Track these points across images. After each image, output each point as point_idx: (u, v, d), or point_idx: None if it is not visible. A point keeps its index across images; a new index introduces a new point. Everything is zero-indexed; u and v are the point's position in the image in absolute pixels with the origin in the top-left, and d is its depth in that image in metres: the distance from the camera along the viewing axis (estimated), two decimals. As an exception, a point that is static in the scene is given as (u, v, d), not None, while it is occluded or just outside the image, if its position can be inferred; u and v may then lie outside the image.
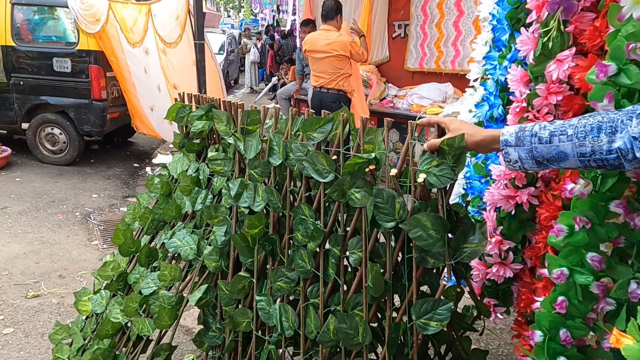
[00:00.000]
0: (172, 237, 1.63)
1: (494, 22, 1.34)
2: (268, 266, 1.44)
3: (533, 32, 1.16)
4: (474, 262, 1.45)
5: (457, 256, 1.04)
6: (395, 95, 4.46)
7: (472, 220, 1.10)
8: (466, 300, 1.41)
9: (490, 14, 1.36)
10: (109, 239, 3.73)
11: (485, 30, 1.39)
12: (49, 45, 5.07)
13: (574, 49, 1.09)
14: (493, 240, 1.37)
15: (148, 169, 5.70)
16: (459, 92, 4.18)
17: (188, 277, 1.61)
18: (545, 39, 1.11)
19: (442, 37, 4.28)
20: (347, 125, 1.25)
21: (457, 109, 3.70)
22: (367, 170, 1.17)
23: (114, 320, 1.62)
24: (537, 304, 1.17)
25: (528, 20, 1.17)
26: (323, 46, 3.83)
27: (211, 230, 1.60)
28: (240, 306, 1.49)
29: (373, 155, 1.16)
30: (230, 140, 1.52)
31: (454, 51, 4.23)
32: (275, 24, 13.12)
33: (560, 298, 1.08)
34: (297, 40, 8.96)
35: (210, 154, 1.59)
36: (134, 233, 1.84)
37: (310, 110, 1.35)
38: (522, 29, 1.18)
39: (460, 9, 4.08)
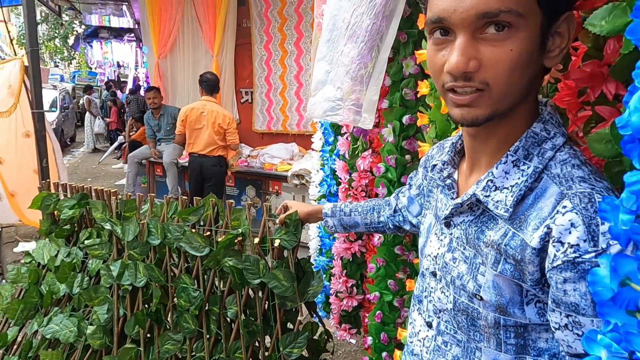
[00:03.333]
0: (49, 323, 1.68)
1: (322, 129, 1.91)
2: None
3: (347, 138, 1.72)
4: (331, 299, 1.92)
5: (305, 297, 1.45)
6: (249, 155, 4.92)
7: (313, 269, 1.52)
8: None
9: (319, 122, 1.94)
10: None
11: (320, 131, 1.95)
12: None
13: (370, 150, 1.67)
14: (341, 280, 1.86)
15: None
16: (303, 150, 4.85)
17: (70, 360, 1.67)
18: (355, 146, 1.68)
19: (287, 103, 4.96)
20: (216, 208, 1.59)
21: (303, 165, 4.32)
22: (236, 241, 1.52)
23: None
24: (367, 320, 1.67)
25: (342, 131, 1.73)
26: (205, 116, 4.02)
27: (91, 311, 1.71)
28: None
29: (240, 230, 1.52)
30: (107, 226, 1.70)
31: (297, 116, 4.93)
32: (116, 80, 12.63)
33: (378, 312, 1.59)
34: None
35: (86, 240, 1.73)
36: (-3, 328, 1.80)
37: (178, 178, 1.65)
38: (340, 137, 1.73)
39: (300, 81, 4.83)
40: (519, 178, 0.64)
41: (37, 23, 3.80)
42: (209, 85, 4.12)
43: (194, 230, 1.58)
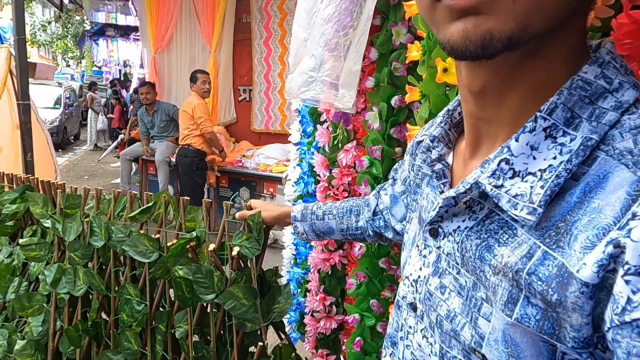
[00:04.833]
0: (-26, 337, 1.44)
1: (300, 117, 1.63)
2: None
3: (327, 127, 1.46)
4: (306, 319, 1.64)
5: (269, 317, 1.18)
6: (244, 155, 4.68)
7: (281, 282, 1.26)
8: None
9: (297, 109, 1.66)
10: None
11: (297, 121, 1.67)
12: None
13: (355, 142, 1.40)
14: (318, 297, 1.57)
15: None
16: (300, 151, 4.61)
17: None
18: (335, 135, 1.41)
19: (285, 102, 4.73)
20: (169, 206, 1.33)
21: (299, 167, 4.07)
22: (188, 247, 1.26)
23: None
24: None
25: (322, 119, 1.46)
26: (181, 106, 4.39)
27: (26, 322, 1.47)
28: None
29: (194, 234, 1.26)
30: (47, 224, 1.46)
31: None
32: (122, 78, 12.54)
33: (357, 339, 1.31)
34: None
35: (22, 240, 1.49)
36: None
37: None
38: (319, 126, 1.46)
39: (297, 79, 4.61)
40: (554, 157, 0.37)
41: (24, 17, 3.64)
42: (190, 78, 4.34)
43: (142, 232, 1.33)
